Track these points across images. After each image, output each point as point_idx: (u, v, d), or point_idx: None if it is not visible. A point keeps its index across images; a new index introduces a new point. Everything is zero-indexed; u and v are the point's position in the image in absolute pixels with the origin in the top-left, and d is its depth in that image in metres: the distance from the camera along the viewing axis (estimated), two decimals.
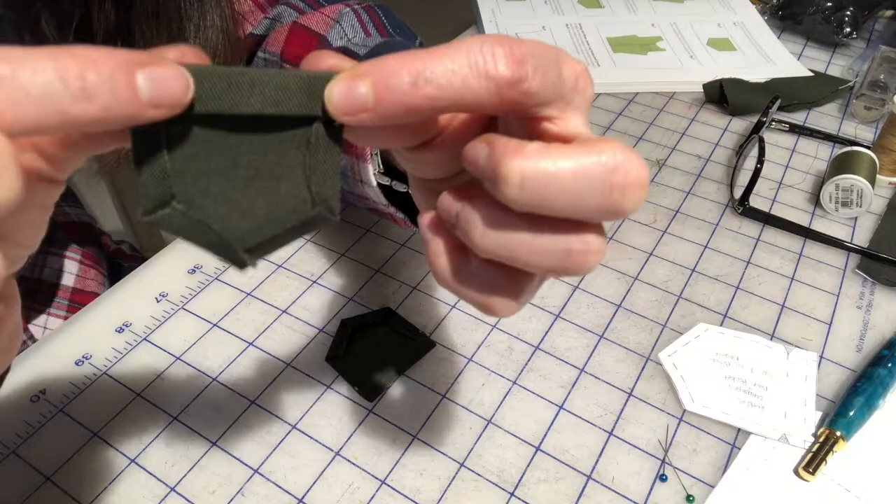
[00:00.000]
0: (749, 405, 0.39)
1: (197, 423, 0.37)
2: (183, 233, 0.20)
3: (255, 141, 0.20)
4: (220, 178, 0.20)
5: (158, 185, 0.19)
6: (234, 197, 0.20)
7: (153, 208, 0.19)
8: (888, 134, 0.56)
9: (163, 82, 0.17)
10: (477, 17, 0.78)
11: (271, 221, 0.20)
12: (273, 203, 0.20)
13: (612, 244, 0.49)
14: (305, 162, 0.20)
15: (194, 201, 0.20)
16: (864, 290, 0.46)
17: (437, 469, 0.36)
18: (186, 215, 0.20)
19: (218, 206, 0.20)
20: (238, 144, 0.20)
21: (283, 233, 0.21)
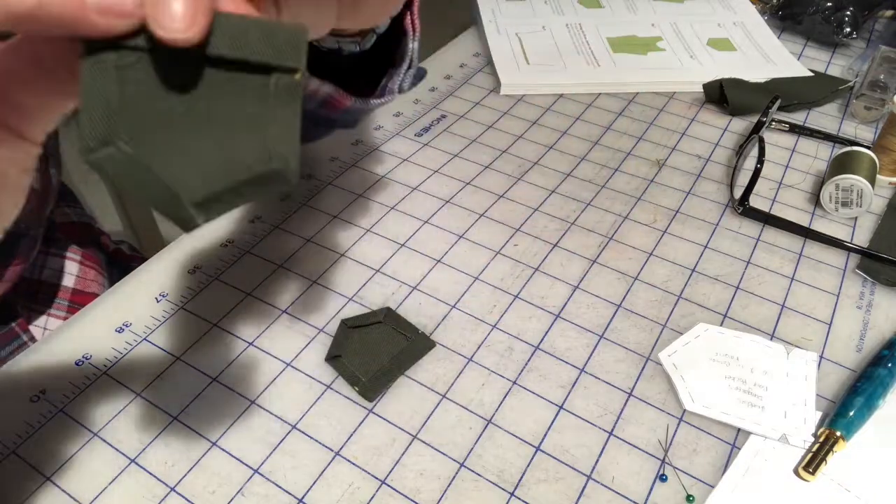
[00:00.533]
0: (749, 405, 0.39)
1: (197, 423, 0.37)
2: (124, 180, 0.18)
3: (212, 87, 0.19)
4: (171, 124, 0.19)
5: (103, 120, 0.18)
6: (184, 146, 0.19)
7: (95, 146, 0.18)
8: (888, 134, 0.56)
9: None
10: (477, 17, 0.78)
11: (223, 174, 0.19)
12: (226, 155, 0.19)
13: (612, 244, 0.49)
14: (264, 114, 0.19)
15: (141, 145, 0.18)
16: (864, 290, 0.46)
17: (437, 469, 0.36)
18: (131, 159, 0.18)
19: (166, 153, 0.18)
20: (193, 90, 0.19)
21: (234, 186, 0.19)
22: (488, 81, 0.68)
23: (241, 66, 0.19)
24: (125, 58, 0.18)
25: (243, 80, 0.19)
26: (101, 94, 0.18)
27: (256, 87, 0.19)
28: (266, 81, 0.19)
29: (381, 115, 0.62)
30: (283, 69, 0.19)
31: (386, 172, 0.55)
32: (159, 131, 0.18)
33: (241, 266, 0.46)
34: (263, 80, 0.19)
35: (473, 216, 0.51)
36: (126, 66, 0.18)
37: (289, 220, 0.50)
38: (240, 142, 0.19)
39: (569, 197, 0.54)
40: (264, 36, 0.19)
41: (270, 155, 0.19)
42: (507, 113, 0.63)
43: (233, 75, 0.19)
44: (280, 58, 0.19)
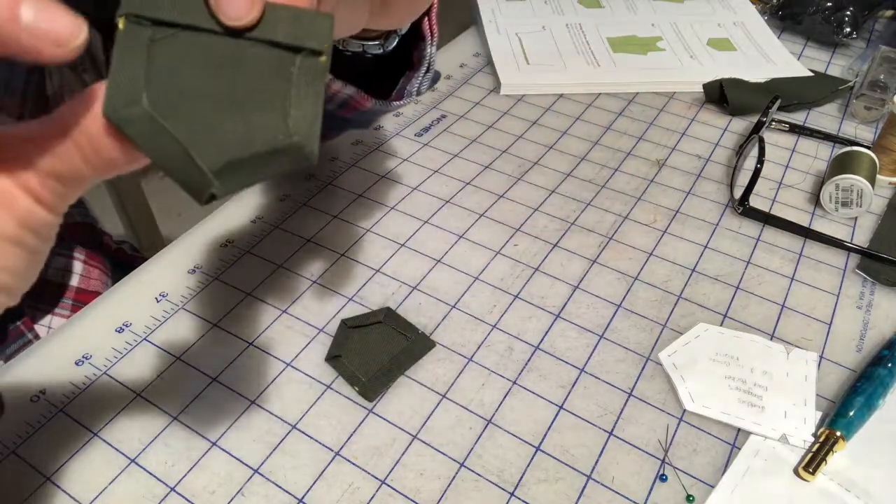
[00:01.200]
0: (749, 405, 0.39)
1: (197, 423, 0.37)
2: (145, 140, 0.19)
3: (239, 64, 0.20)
4: (196, 95, 0.19)
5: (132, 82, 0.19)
6: (206, 115, 0.19)
7: (120, 105, 0.19)
8: (888, 134, 0.56)
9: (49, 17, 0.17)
10: (477, 17, 0.78)
11: (242, 144, 0.20)
12: (247, 127, 0.20)
13: (612, 244, 0.49)
14: (286, 93, 0.20)
15: (164, 110, 0.19)
16: (864, 290, 0.46)
17: (437, 469, 0.36)
18: (153, 120, 0.19)
19: (188, 119, 0.19)
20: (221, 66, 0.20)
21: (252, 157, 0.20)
22: (488, 81, 0.68)
23: (270, 45, 0.20)
24: (160, 33, 0.19)
25: (270, 58, 0.20)
26: (131, 63, 0.19)
27: (282, 67, 0.20)
28: (292, 61, 0.20)
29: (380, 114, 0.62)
30: (308, 51, 0.20)
31: (386, 172, 0.55)
32: (184, 100, 0.19)
33: (241, 266, 0.46)
34: (290, 59, 0.20)
35: (473, 216, 0.51)
36: (160, 39, 0.19)
37: (289, 220, 0.50)
38: (261, 116, 0.20)
39: (569, 197, 0.54)
40: (293, 19, 0.20)
41: (291, 131, 0.20)
42: (507, 113, 0.63)
43: (260, 54, 0.20)
44: (306, 40, 0.20)
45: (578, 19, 0.77)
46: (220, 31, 0.19)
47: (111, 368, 0.40)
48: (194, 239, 0.49)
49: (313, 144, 0.20)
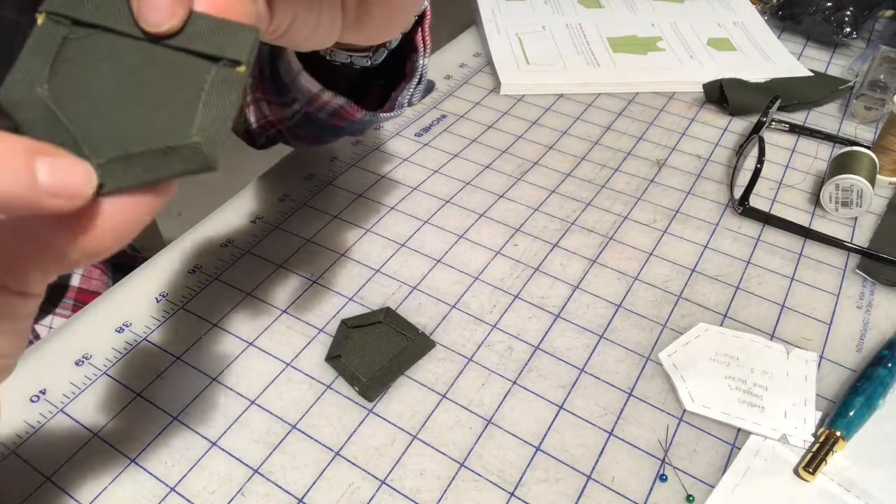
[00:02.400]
0: (749, 405, 0.39)
1: (197, 423, 0.37)
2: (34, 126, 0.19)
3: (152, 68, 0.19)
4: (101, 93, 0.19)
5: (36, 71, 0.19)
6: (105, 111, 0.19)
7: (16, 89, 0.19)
8: (888, 134, 0.56)
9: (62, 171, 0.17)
10: (477, 17, 0.78)
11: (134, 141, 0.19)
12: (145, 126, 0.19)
13: (611, 244, 0.49)
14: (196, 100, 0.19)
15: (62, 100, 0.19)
16: (864, 290, 0.46)
17: (437, 469, 0.36)
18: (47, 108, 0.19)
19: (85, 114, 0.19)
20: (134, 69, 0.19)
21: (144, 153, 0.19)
22: (488, 81, 0.68)
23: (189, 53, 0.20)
24: (77, 32, 0.19)
25: (186, 66, 0.20)
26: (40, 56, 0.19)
27: (197, 75, 0.20)
28: (208, 70, 0.20)
29: None
30: (227, 60, 0.20)
31: (386, 172, 0.55)
32: (86, 95, 0.19)
33: (241, 266, 0.46)
34: (206, 68, 0.20)
35: (473, 216, 0.51)
36: (76, 38, 0.19)
37: (289, 220, 0.50)
38: (165, 118, 0.19)
39: (569, 197, 0.54)
40: (215, 29, 0.20)
41: (193, 132, 0.19)
42: (507, 113, 0.63)
43: (177, 60, 0.20)
44: (225, 50, 0.20)
45: (578, 19, 0.77)
46: (140, 36, 0.19)
47: (111, 368, 0.40)
48: (194, 239, 0.49)
49: (214, 151, 0.19)
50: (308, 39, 0.26)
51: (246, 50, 0.20)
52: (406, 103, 0.41)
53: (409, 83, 0.40)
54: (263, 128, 0.49)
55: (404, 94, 0.41)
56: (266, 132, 0.50)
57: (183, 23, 0.19)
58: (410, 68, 0.40)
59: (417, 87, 0.41)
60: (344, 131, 0.46)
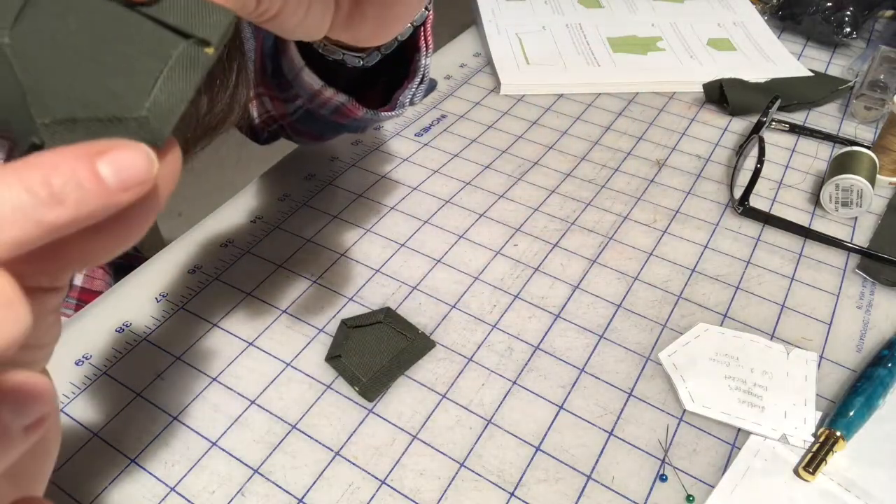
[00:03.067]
0: (749, 405, 0.39)
1: (197, 423, 0.37)
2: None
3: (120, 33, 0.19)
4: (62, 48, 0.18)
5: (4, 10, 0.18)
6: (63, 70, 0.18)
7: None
8: (888, 134, 0.56)
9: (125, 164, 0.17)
10: (477, 17, 0.78)
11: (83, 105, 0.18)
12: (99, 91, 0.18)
13: (611, 244, 0.49)
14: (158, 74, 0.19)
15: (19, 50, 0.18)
16: (864, 290, 0.46)
17: (437, 469, 0.36)
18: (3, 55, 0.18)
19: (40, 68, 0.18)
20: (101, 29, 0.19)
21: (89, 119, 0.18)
22: (488, 81, 0.68)
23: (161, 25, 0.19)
24: None
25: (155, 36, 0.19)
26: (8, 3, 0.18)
27: (163, 47, 0.19)
28: (175, 44, 0.19)
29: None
30: (197, 39, 0.19)
31: (386, 172, 0.55)
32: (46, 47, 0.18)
33: (241, 266, 0.46)
34: (174, 42, 0.19)
35: (473, 216, 0.51)
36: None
37: (289, 220, 0.50)
38: (120, 85, 0.19)
39: (569, 197, 0.54)
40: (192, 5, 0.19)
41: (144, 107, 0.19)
42: (507, 113, 0.63)
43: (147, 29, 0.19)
44: (197, 29, 0.19)
45: (578, 19, 0.77)
46: None
47: (111, 368, 0.40)
48: (194, 239, 0.49)
49: (164, 127, 0.19)
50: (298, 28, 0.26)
51: (219, 32, 0.19)
52: (408, 102, 0.41)
53: (411, 83, 0.40)
54: (266, 123, 0.49)
55: (406, 93, 0.41)
56: (268, 127, 0.50)
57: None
58: (413, 68, 0.40)
59: (419, 87, 0.41)
60: (346, 128, 0.46)
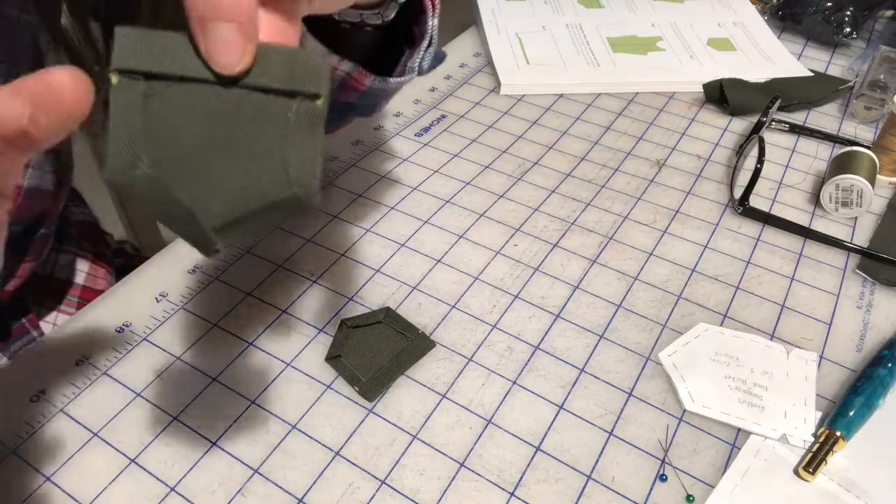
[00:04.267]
0: (749, 405, 0.39)
1: (197, 423, 0.37)
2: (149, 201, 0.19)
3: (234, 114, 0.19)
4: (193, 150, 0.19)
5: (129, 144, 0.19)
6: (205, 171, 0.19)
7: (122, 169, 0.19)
8: (888, 134, 0.56)
9: None
10: (477, 17, 0.78)
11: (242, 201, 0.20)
12: (246, 181, 0.19)
13: (611, 244, 0.49)
14: (284, 140, 0.20)
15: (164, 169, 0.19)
16: (864, 290, 0.46)
17: (437, 469, 0.36)
18: (155, 181, 0.19)
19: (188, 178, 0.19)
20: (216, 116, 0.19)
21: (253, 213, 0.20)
22: (488, 81, 0.68)
23: (265, 91, 0.19)
24: (154, 87, 0.19)
25: (266, 105, 0.20)
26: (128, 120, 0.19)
27: (278, 114, 0.20)
28: (289, 106, 0.20)
29: (381, 115, 0.62)
30: (305, 95, 0.20)
31: (386, 172, 0.55)
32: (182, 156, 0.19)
33: (241, 266, 0.46)
34: (286, 105, 0.20)
35: (473, 216, 0.51)
36: (153, 94, 0.19)
37: (289, 220, 0.50)
38: (260, 168, 0.20)
39: (569, 197, 0.54)
40: (286, 62, 0.19)
41: (290, 181, 0.20)
42: (507, 113, 0.63)
43: (256, 101, 0.19)
44: (302, 84, 0.19)
45: (578, 19, 0.77)
46: (213, 80, 0.19)
47: (111, 368, 0.40)
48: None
49: (312, 193, 0.20)
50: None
51: (322, 80, 0.20)
52: (416, 68, 0.40)
53: (418, 46, 0.40)
54: None
55: (414, 57, 0.40)
56: None
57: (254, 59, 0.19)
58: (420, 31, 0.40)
59: (427, 51, 0.40)
60: (353, 110, 0.45)
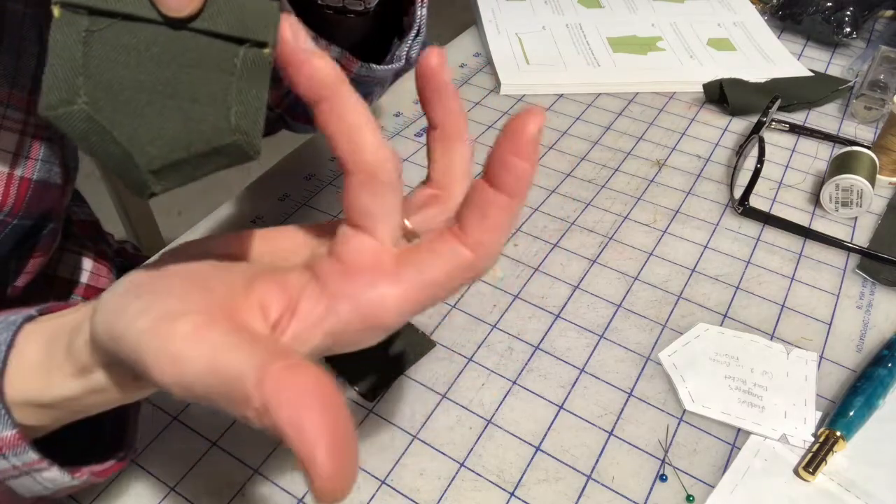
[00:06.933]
0: (749, 405, 0.39)
1: (197, 423, 0.37)
2: (84, 138, 0.19)
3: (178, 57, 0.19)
4: (135, 90, 0.19)
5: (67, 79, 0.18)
6: (145, 112, 0.19)
7: (57, 103, 0.18)
8: (888, 134, 0.56)
9: None
10: (477, 17, 0.78)
11: (181, 145, 0.19)
12: (187, 126, 0.19)
13: (611, 244, 0.49)
14: (228, 87, 0.19)
15: (102, 107, 0.19)
16: (864, 290, 0.46)
17: (437, 469, 0.36)
18: (91, 119, 0.18)
19: (127, 117, 0.19)
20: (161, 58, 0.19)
21: (192, 157, 0.19)
22: (488, 81, 0.68)
23: (213, 36, 0.19)
24: (97, 23, 0.18)
25: (212, 50, 0.19)
26: (67, 55, 0.18)
27: (224, 59, 0.19)
28: (235, 53, 0.19)
29: (380, 115, 0.62)
30: (253, 42, 0.19)
31: None
32: (122, 96, 0.19)
33: None
34: (233, 51, 0.19)
35: None
36: (96, 30, 0.18)
37: (289, 220, 0.50)
38: (201, 113, 0.19)
39: (569, 197, 0.54)
40: (236, 8, 0.19)
41: (232, 128, 0.19)
42: (507, 113, 0.63)
43: (202, 45, 0.19)
44: (250, 32, 0.19)
45: (578, 19, 0.77)
46: (160, 21, 0.19)
47: None
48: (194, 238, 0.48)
49: (255, 141, 0.20)
50: None
51: (271, 29, 0.19)
52: (404, 56, 0.41)
53: (407, 35, 0.40)
54: None
55: (403, 46, 0.40)
56: None
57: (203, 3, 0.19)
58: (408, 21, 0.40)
59: (416, 40, 0.40)
60: None
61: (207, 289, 0.22)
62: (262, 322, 0.22)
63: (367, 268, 0.22)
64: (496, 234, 0.21)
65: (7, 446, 0.25)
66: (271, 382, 0.18)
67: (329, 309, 0.22)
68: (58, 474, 0.26)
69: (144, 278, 0.23)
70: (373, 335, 0.23)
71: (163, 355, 0.19)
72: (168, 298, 0.21)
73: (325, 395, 0.18)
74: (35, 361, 0.25)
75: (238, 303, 0.22)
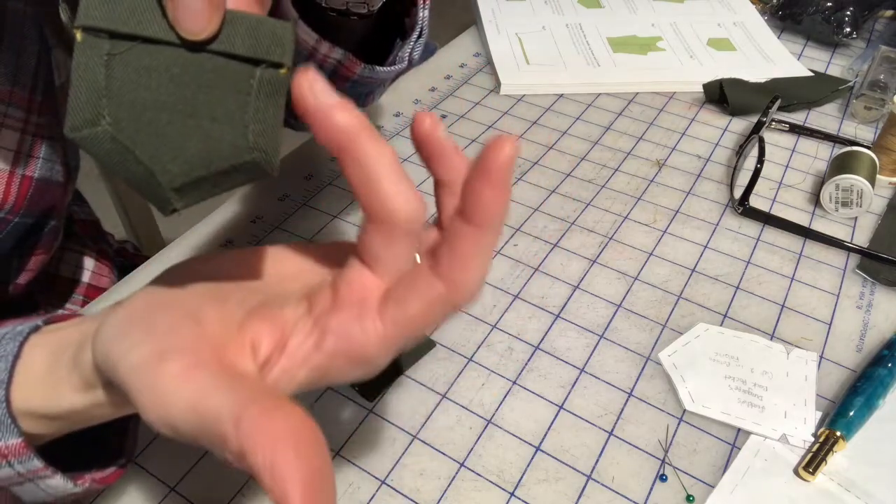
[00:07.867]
0: (749, 405, 0.39)
1: None
2: (108, 158, 0.19)
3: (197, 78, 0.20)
4: (156, 110, 0.19)
5: (92, 100, 0.19)
6: (166, 132, 0.20)
7: (81, 125, 0.19)
8: (888, 134, 0.56)
9: None
10: (477, 17, 0.78)
11: (202, 163, 0.20)
12: (207, 144, 0.20)
13: (611, 244, 0.49)
14: (246, 106, 0.20)
15: (125, 128, 0.19)
16: (864, 290, 0.46)
17: (437, 469, 0.36)
18: (115, 139, 0.19)
19: (149, 137, 0.19)
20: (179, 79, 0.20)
21: (212, 174, 0.20)
22: (488, 81, 0.68)
23: (228, 58, 0.20)
24: (118, 46, 0.19)
25: (230, 71, 0.20)
26: (90, 77, 0.19)
27: (241, 80, 0.20)
28: (252, 73, 0.20)
29: (380, 115, 0.62)
30: (269, 63, 0.20)
31: None
32: (143, 116, 0.19)
33: None
34: (249, 72, 0.20)
35: None
36: (117, 53, 0.19)
37: (289, 220, 0.50)
38: (220, 132, 0.20)
39: (569, 197, 0.54)
40: (252, 30, 0.20)
41: (250, 146, 0.20)
42: (507, 113, 0.63)
43: (220, 66, 0.20)
44: (265, 53, 0.20)
45: (578, 19, 0.77)
46: (178, 43, 0.19)
47: None
48: (194, 239, 0.49)
49: (273, 159, 0.20)
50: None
51: (286, 50, 0.20)
52: (406, 58, 0.41)
53: (408, 37, 0.40)
54: None
55: (405, 48, 0.40)
56: None
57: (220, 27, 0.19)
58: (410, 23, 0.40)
59: (418, 42, 0.41)
60: None
61: (201, 324, 0.22)
62: (251, 361, 0.22)
63: (355, 302, 0.22)
64: (467, 267, 0.21)
65: (13, 454, 0.26)
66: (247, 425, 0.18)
67: (317, 345, 0.22)
68: (61, 482, 0.27)
69: (142, 307, 0.23)
70: (360, 370, 0.23)
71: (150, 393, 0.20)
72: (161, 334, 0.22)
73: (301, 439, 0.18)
74: (41, 373, 0.26)
75: (229, 341, 0.22)
